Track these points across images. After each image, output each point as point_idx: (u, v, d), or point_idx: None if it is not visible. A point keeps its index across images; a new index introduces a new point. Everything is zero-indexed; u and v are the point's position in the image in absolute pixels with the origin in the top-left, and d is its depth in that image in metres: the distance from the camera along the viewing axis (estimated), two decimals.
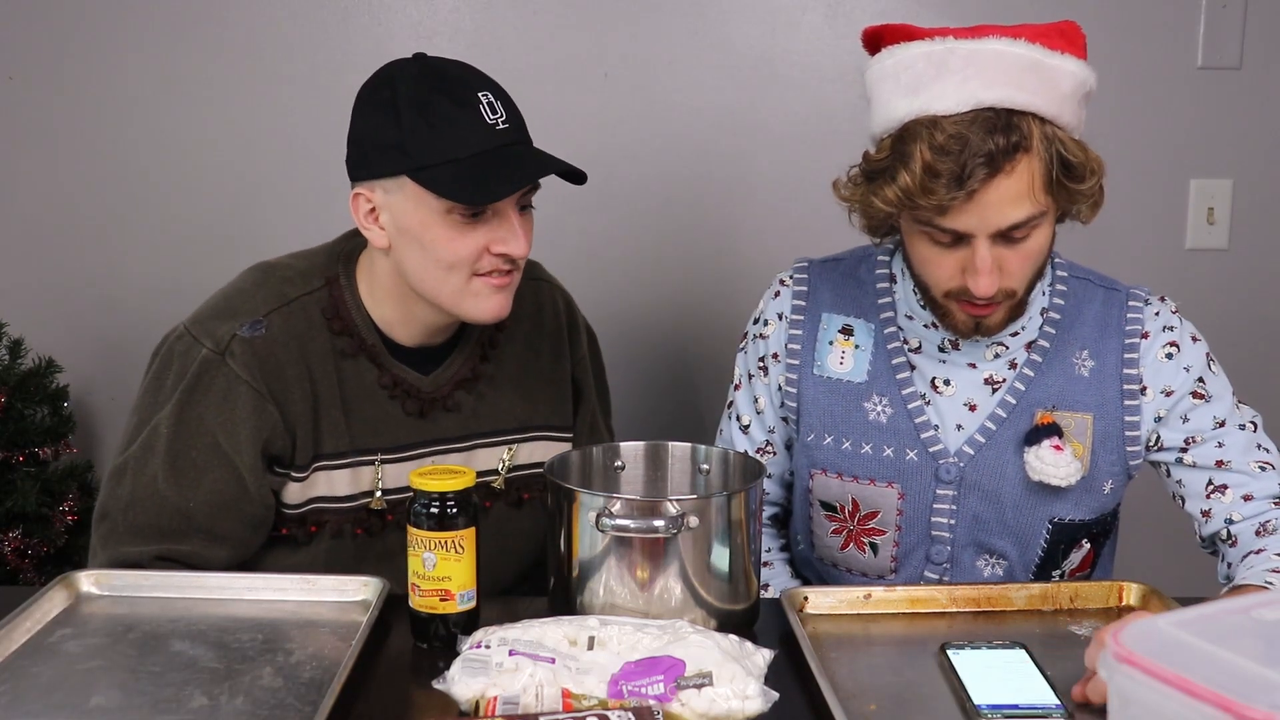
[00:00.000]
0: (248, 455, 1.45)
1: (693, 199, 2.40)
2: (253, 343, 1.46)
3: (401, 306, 1.51)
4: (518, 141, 1.44)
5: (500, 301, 1.47)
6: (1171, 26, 2.36)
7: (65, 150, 2.37)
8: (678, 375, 2.44)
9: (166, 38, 2.32)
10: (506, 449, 1.60)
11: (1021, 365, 1.49)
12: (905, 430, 1.50)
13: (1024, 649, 1.24)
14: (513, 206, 1.44)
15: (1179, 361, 1.48)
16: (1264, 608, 0.87)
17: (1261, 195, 2.43)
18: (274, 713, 1.14)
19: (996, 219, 1.32)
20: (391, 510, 1.52)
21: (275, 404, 1.46)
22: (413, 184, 1.40)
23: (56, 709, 1.14)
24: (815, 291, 1.58)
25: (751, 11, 2.36)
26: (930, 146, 1.30)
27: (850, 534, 1.56)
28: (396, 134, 1.40)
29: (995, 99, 1.30)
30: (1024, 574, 1.54)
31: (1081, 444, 1.47)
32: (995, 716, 1.12)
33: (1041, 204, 1.34)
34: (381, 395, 1.52)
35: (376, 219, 1.45)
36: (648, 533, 1.26)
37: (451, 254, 1.42)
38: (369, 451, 1.52)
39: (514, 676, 1.13)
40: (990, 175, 1.29)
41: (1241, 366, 2.47)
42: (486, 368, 1.59)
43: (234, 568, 1.47)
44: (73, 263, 2.37)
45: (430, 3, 2.35)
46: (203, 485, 1.44)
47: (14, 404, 2.14)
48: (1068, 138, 1.33)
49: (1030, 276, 1.41)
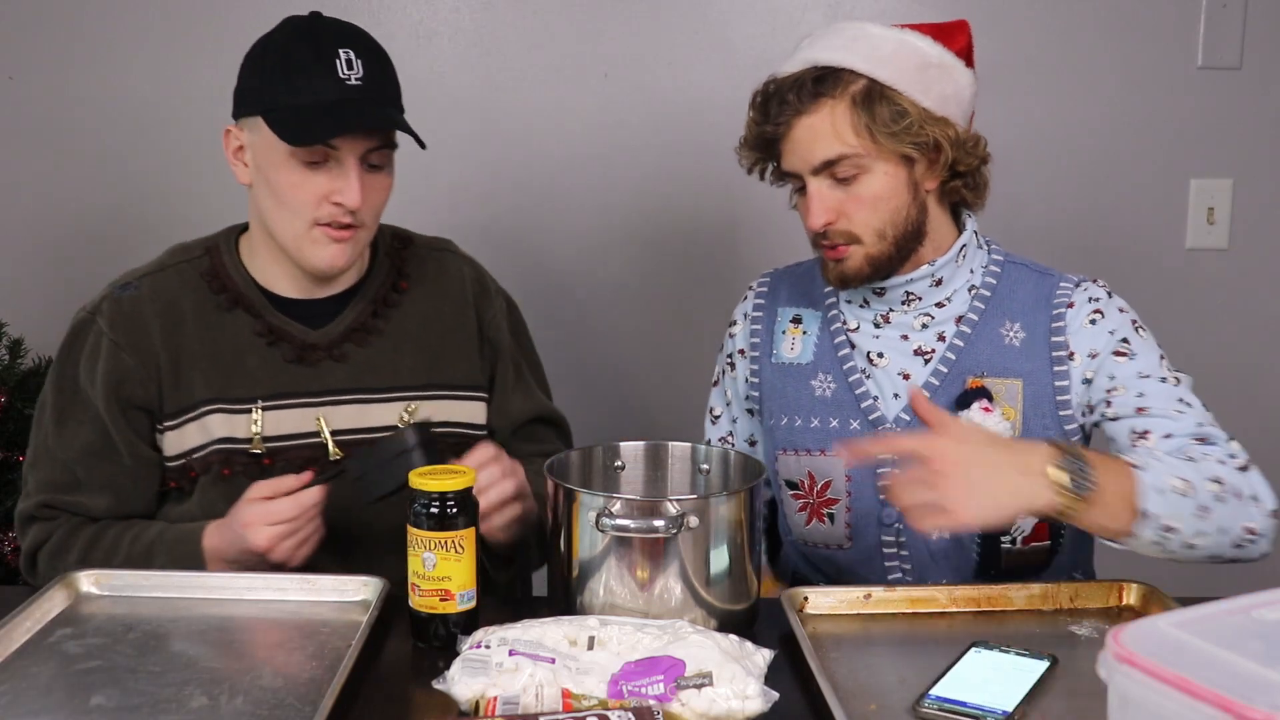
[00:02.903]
0: (109, 405, 1.54)
1: (693, 199, 2.40)
2: (120, 301, 1.58)
3: (272, 255, 1.59)
4: (365, 99, 1.49)
5: (336, 252, 1.53)
6: (1171, 26, 2.36)
7: (65, 150, 2.37)
8: (677, 374, 2.43)
9: (167, 38, 2.32)
10: (406, 406, 1.62)
11: (951, 337, 1.57)
12: (848, 402, 1.60)
13: (1051, 661, 1.23)
14: (354, 159, 1.50)
15: (1103, 326, 1.53)
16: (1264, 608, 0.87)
17: (1261, 195, 2.43)
18: (274, 713, 1.14)
19: (807, 154, 1.49)
20: (270, 455, 1.56)
21: (135, 355, 1.55)
22: (265, 125, 1.48)
23: (56, 709, 1.14)
24: (774, 291, 1.72)
25: (751, 11, 2.36)
26: (760, 94, 1.54)
27: (811, 508, 1.63)
28: (259, 78, 1.51)
29: (819, 58, 1.50)
30: (970, 538, 1.56)
31: (1013, 408, 1.53)
32: (934, 707, 1.14)
33: (852, 145, 1.47)
34: (259, 344, 1.58)
35: (242, 156, 1.55)
36: (648, 533, 1.26)
37: (291, 197, 1.50)
38: (245, 400, 1.56)
39: (514, 676, 1.13)
40: (796, 114, 1.49)
41: (1242, 366, 2.48)
42: (379, 323, 1.63)
43: (124, 517, 1.56)
44: (73, 263, 2.37)
45: (430, 3, 2.35)
46: (79, 437, 1.56)
47: (14, 404, 2.14)
48: (894, 95, 1.47)
49: (876, 225, 1.50)
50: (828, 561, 1.66)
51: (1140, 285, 2.41)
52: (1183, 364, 1.62)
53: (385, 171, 1.56)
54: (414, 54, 2.34)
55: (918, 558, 1.58)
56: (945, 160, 1.50)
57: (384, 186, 1.56)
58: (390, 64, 1.55)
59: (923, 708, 1.14)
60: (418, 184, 2.34)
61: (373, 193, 1.53)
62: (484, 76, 2.37)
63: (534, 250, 2.40)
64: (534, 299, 2.10)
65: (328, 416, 1.58)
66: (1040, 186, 2.42)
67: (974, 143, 1.53)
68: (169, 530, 1.53)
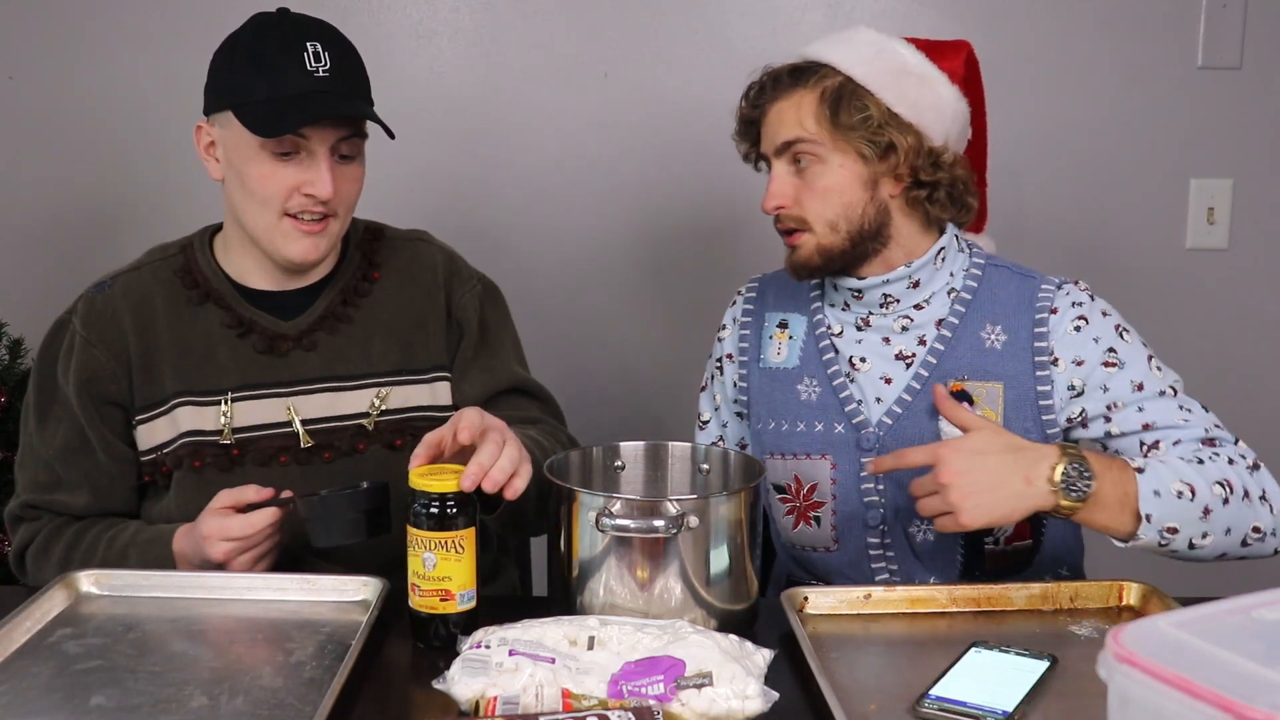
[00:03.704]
0: (82, 402, 1.57)
1: (693, 199, 2.40)
2: (94, 300, 1.61)
3: (244, 249, 1.60)
4: (333, 91, 1.51)
5: (308, 244, 1.55)
6: (1171, 26, 2.37)
7: (66, 150, 2.37)
8: (677, 374, 2.43)
9: (166, 38, 2.32)
10: (377, 392, 1.62)
11: (932, 341, 1.58)
12: (832, 406, 1.61)
13: (1051, 661, 1.23)
14: (325, 150, 1.51)
15: (1088, 333, 1.54)
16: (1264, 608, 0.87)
17: (1261, 195, 2.43)
18: (274, 713, 1.14)
19: (774, 136, 1.56)
20: (238, 446, 1.57)
21: (106, 351, 1.57)
22: (235, 119, 1.50)
23: (56, 709, 1.14)
24: (762, 296, 1.73)
25: (751, 11, 2.36)
26: (751, 83, 1.60)
27: (798, 511, 1.64)
28: (228, 73, 1.53)
29: (807, 52, 1.56)
30: (954, 539, 1.57)
31: (993, 411, 1.55)
32: (934, 707, 1.14)
33: (810, 131, 1.52)
34: (229, 335, 1.60)
35: (214, 152, 1.57)
36: (648, 533, 1.26)
37: (262, 189, 1.52)
38: (215, 392, 1.58)
39: (514, 676, 1.13)
40: (771, 99, 1.56)
41: (1242, 366, 2.48)
42: (349, 310, 1.64)
43: (104, 514, 1.58)
44: (73, 263, 2.37)
45: (430, 3, 2.35)
46: (58, 435, 1.59)
47: (14, 404, 2.14)
48: (864, 94, 1.51)
49: (828, 216, 1.54)
50: (816, 564, 1.66)
51: (1140, 285, 2.42)
52: (1183, 364, 1.62)
53: (356, 162, 1.57)
54: (414, 54, 2.34)
55: (904, 559, 1.59)
56: (899, 165, 1.52)
57: (356, 177, 1.57)
58: (358, 57, 1.56)
59: (923, 708, 1.14)
60: (417, 184, 2.34)
61: (344, 183, 1.55)
62: (484, 76, 2.37)
63: (534, 250, 2.40)
64: (534, 298, 2.10)
65: (298, 406, 1.59)
66: (1040, 186, 2.42)
67: (940, 157, 1.54)
68: (142, 532, 1.55)
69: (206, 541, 1.43)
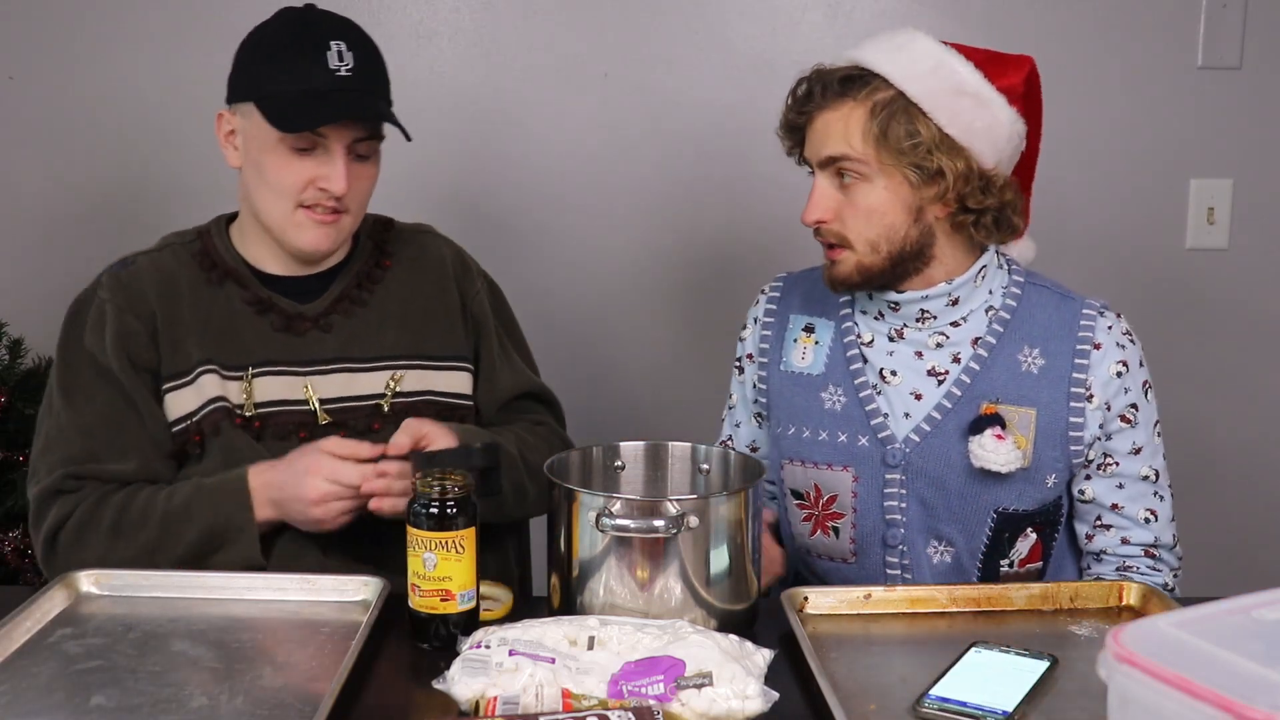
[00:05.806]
0: (123, 366, 1.57)
1: (693, 199, 2.40)
2: (119, 275, 1.63)
3: (259, 236, 1.63)
4: (355, 90, 1.54)
5: (320, 235, 1.58)
6: (1171, 26, 2.36)
7: (66, 150, 2.37)
8: (677, 374, 2.44)
9: (167, 38, 2.32)
10: (392, 375, 1.64)
11: (967, 359, 1.56)
12: (857, 418, 1.58)
13: (1051, 661, 1.23)
14: (342, 148, 1.54)
15: (1123, 382, 1.54)
16: (1264, 608, 0.87)
17: (1261, 195, 2.43)
18: (274, 713, 1.14)
19: (819, 147, 1.52)
20: (260, 420, 1.59)
21: (136, 317, 1.59)
22: (256, 111, 1.53)
23: (56, 709, 1.14)
24: (787, 297, 1.70)
25: (751, 11, 2.36)
26: (800, 81, 1.55)
27: (816, 519, 1.63)
28: (252, 65, 1.56)
29: (861, 58, 1.50)
30: (971, 561, 1.57)
31: (1025, 437, 1.53)
32: (934, 707, 1.14)
33: (857, 150, 1.48)
34: (249, 312, 1.62)
35: (233, 140, 1.60)
36: (648, 533, 1.26)
37: (278, 180, 1.55)
38: (238, 366, 1.60)
39: (514, 676, 1.13)
40: (819, 107, 1.51)
41: (1242, 366, 2.48)
42: (363, 294, 1.67)
43: (149, 482, 1.56)
44: (73, 263, 2.36)
45: (430, 3, 2.35)
46: (97, 401, 1.57)
47: (14, 404, 2.14)
48: (916, 113, 1.46)
49: (869, 236, 1.50)
50: (831, 574, 1.64)
51: (1140, 285, 2.42)
52: (1183, 364, 1.63)
53: (372, 162, 1.60)
54: (414, 54, 2.34)
55: (921, 580, 1.58)
56: (947, 192, 1.48)
57: (370, 176, 1.60)
58: (380, 57, 1.59)
59: (923, 708, 1.14)
60: (418, 183, 2.34)
61: (358, 181, 1.58)
62: (484, 76, 2.37)
63: (533, 250, 2.40)
64: (533, 298, 2.10)
65: (315, 385, 1.61)
66: (1039, 186, 2.40)
67: (990, 182, 1.49)
68: (205, 482, 1.53)
69: (310, 475, 1.44)
